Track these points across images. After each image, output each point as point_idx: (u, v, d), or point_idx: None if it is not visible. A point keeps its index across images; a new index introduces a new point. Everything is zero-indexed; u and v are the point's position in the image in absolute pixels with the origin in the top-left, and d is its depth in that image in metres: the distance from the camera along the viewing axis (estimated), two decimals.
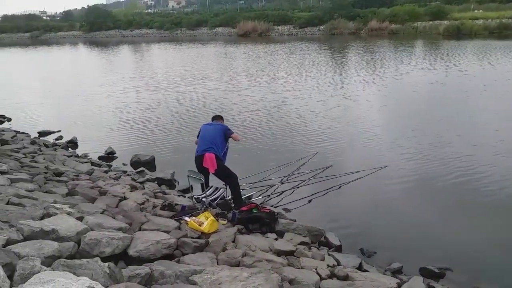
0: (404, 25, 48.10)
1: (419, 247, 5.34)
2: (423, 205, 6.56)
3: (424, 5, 56.91)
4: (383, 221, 6.06)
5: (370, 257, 5.10)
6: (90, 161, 8.45)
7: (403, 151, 8.84)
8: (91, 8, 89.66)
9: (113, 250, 3.62)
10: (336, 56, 28.47)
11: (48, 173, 6.61)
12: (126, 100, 15.49)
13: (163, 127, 11.49)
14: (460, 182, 7.21)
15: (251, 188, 6.99)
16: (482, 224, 5.87)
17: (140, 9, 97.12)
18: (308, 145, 9.48)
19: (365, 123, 11.18)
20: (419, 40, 37.91)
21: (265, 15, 63.27)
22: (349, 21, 52.22)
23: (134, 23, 77.21)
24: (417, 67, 20.59)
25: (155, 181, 7.51)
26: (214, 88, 17.05)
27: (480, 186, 7.01)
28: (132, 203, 5.50)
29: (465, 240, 5.47)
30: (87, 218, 4.19)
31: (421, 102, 13.48)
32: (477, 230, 5.73)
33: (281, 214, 6.01)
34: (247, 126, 11.22)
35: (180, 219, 5.00)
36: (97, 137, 10.83)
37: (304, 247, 4.83)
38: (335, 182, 7.26)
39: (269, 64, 24.26)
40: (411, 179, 7.47)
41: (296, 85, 17.01)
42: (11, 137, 9.79)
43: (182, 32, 68.93)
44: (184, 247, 4.18)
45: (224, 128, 6.04)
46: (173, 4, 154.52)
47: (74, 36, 78.52)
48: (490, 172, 7.51)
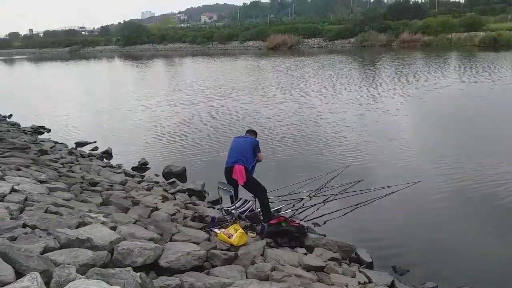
0: (437, 36, 47.14)
1: (455, 266, 5.13)
2: (459, 222, 6.32)
3: (458, 16, 55.70)
4: (417, 238, 5.87)
5: (402, 275, 4.94)
6: (124, 172, 8.66)
7: (438, 166, 8.58)
8: (126, 23, 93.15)
9: (144, 260, 3.66)
10: (369, 69, 28.16)
11: (84, 183, 6.82)
12: (160, 113, 15.85)
13: (195, 140, 11.67)
14: (499, 199, 6.90)
15: (280, 201, 6.96)
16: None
17: (173, 24, 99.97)
18: (338, 159, 9.36)
19: (398, 137, 10.95)
20: (454, 52, 36.99)
21: (295, 28, 63.64)
22: (380, 33, 51.75)
23: (167, 37, 79.46)
24: (453, 80, 20.07)
25: (186, 192, 7.59)
26: (246, 101, 17.13)
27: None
28: (163, 213, 5.58)
29: (505, 260, 5.21)
30: (120, 228, 4.27)
31: (458, 116, 13.08)
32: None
33: (311, 228, 5.93)
34: (278, 139, 11.22)
35: (210, 230, 5.03)
36: (131, 149, 11.11)
37: (334, 263, 4.74)
38: (366, 196, 7.11)
39: (301, 77, 24.28)
40: (446, 195, 7.22)
41: (328, 98, 16.91)
42: (50, 148, 10.19)
43: (213, 46, 70.24)
44: (214, 259, 4.19)
45: (255, 143, 6.08)
46: (205, 19, 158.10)
47: (111, 50, 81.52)
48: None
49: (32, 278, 2.61)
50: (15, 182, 5.29)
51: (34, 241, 3.38)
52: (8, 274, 2.68)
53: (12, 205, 4.35)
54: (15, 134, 11.85)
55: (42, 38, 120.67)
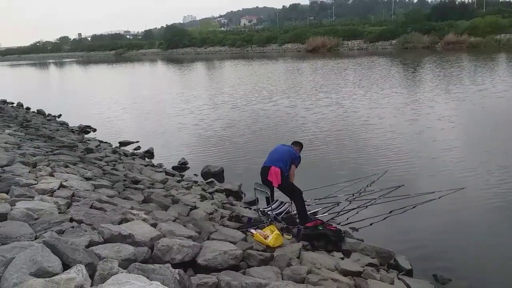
0: (485, 37, 45.05)
1: (500, 278, 4.87)
2: (505, 233, 5.99)
3: (508, 16, 52.96)
4: (460, 246, 5.63)
5: (444, 284, 4.75)
6: (165, 171, 8.89)
7: (483, 173, 8.19)
8: (169, 27, 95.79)
9: (183, 257, 3.74)
10: (413, 72, 27.32)
11: (127, 181, 7.07)
12: (201, 115, 16.11)
13: (234, 142, 11.78)
14: None
15: (317, 204, 6.89)
16: None
17: (214, 28, 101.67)
18: (379, 163, 9.15)
19: (444, 142, 10.53)
20: (503, 54, 35.20)
21: (334, 30, 62.93)
22: (424, 34, 50.15)
23: (208, 41, 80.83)
24: (504, 84, 19.08)
25: (223, 192, 7.70)
26: (288, 105, 16.99)
27: None
28: (202, 212, 5.69)
29: None
30: (160, 225, 4.39)
31: (502, 121, 12.43)
32: None
33: (348, 233, 5.84)
34: (319, 142, 11.11)
35: (247, 230, 5.07)
36: (172, 149, 11.40)
37: (372, 268, 4.64)
38: (407, 202, 6.90)
39: (344, 80, 23.96)
40: (492, 202, 6.88)
41: (372, 102, 16.59)
42: (95, 146, 10.65)
43: (252, 49, 70.69)
44: (250, 259, 4.21)
45: (295, 155, 5.97)
46: (245, 22, 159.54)
47: (153, 53, 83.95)
48: None
49: (78, 270, 2.74)
50: (63, 179, 5.57)
51: (80, 235, 3.54)
52: (56, 266, 2.82)
53: (60, 200, 4.58)
54: (63, 133, 12.48)
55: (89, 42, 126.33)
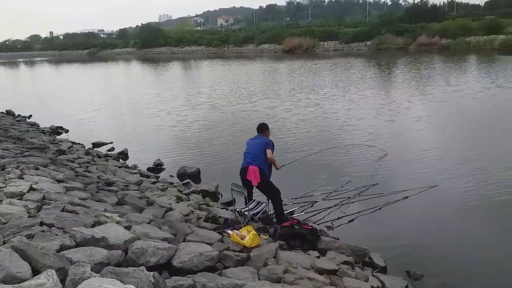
0: (455, 39, 46.45)
1: (471, 273, 5.03)
2: (475, 228, 6.20)
3: (478, 19, 54.82)
4: (432, 243, 5.77)
5: (417, 280, 4.86)
6: (139, 172, 8.76)
7: (453, 170, 8.44)
8: (144, 26, 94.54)
9: (158, 260, 3.70)
10: (390, 73, 27.92)
11: (100, 183, 6.92)
12: (176, 115, 15.97)
13: (211, 142, 11.72)
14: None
15: (293, 204, 6.94)
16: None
17: (190, 27, 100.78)
18: (354, 162, 9.29)
19: (413, 140, 10.82)
20: (472, 55, 36.38)
21: (311, 31, 63.57)
22: (397, 36, 51.26)
23: (184, 40, 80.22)
24: (473, 84, 19.73)
25: (199, 193, 7.64)
26: (266, 105, 17.04)
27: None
28: (177, 214, 5.63)
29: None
30: (135, 228, 4.33)
31: (473, 120, 12.85)
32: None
33: (324, 231, 5.89)
34: (294, 143, 11.20)
35: (223, 231, 5.05)
36: (147, 150, 11.24)
37: (347, 266, 4.70)
38: (381, 200, 7.04)
39: (322, 81, 24.16)
40: (463, 200, 7.09)
41: (350, 102, 16.83)
42: (67, 148, 10.38)
43: (229, 49, 70.60)
44: (226, 260, 4.20)
45: (264, 142, 6.01)
46: (222, 22, 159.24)
47: (128, 52, 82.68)
48: None
49: (48, 276, 2.67)
50: (33, 181, 5.41)
51: (51, 239, 3.45)
52: (25, 271, 2.74)
53: (30, 203, 4.44)
54: (34, 134, 12.11)
55: (62, 41, 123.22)
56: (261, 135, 6.26)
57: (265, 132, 6.30)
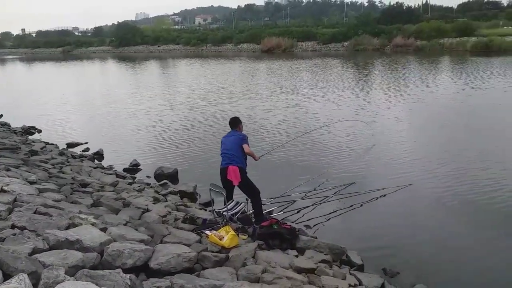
0: (430, 41, 47.60)
1: (445, 269, 5.16)
2: (449, 225, 6.36)
3: (451, 22, 56.36)
4: (408, 241, 5.90)
5: (393, 278, 4.96)
6: (115, 173, 8.61)
7: (428, 169, 8.64)
8: (121, 24, 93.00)
9: (134, 262, 3.65)
10: (368, 74, 28.33)
11: (75, 184, 6.77)
12: (153, 115, 15.79)
13: (189, 142, 11.63)
14: (489, 203, 6.95)
15: (272, 203, 6.96)
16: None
17: (168, 26, 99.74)
18: (331, 161, 9.40)
19: (389, 140, 11.03)
20: (446, 57, 37.37)
21: (289, 32, 63.91)
22: (374, 37, 52.12)
23: (161, 39, 79.35)
24: (443, 85, 20.26)
25: (177, 194, 7.57)
26: (246, 106, 16.98)
27: (510, 206, 6.75)
28: (154, 215, 5.56)
29: (494, 262, 5.26)
30: (111, 229, 4.25)
31: (449, 120, 13.18)
32: (508, 251, 5.51)
33: (302, 230, 5.94)
34: (272, 142, 11.22)
35: (201, 232, 5.02)
36: (123, 150, 11.06)
37: (325, 265, 4.75)
38: (358, 199, 7.15)
39: (302, 81, 24.26)
40: (437, 198, 7.27)
41: (322, 102, 17.01)
42: (40, 148, 10.10)
43: (207, 48, 70.26)
44: (204, 261, 4.18)
45: (239, 138, 5.97)
46: (200, 21, 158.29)
47: (104, 51, 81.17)
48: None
49: (20, 280, 2.60)
50: (4, 183, 5.24)
51: (23, 242, 3.36)
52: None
53: (1, 205, 4.30)
54: (5, 134, 11.73)
55: (34, 38, 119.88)
56: (234, 130, 6.16)
57: (237, 126, 6.20)
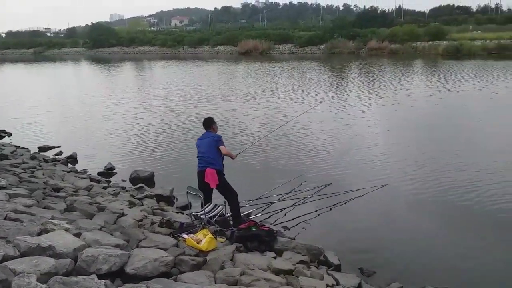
0: (403, 45, 48.73)
1: (420, 267, 5.28)
2: (424, 224, 6.52)
3: (423, 26, 57.91)
4: (383, 240, 6.01)
5: (369, 277, 5.04)
6: (89, 177, 8.43)
7: (403, 170, 8.83)
8: (94, 25, 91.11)
9: (110, 267, 3.59)
10: (339, 76, 28.74)
11: (47, 189, 6.59)
12: (128, 118, 15.54)
13: (163, 144, 11.50)
14: (461, 201, 7.17)
15: (250, 205, 6.96)
16: (485, 244, 5.82)
17: (143, 27, 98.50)
18: (308, 163, 9.48)
19: (365, 142, 11.21)
20: (419, 60, 38.34)
21: (266, 34, 64.20)
22: (349, 40, 52.94)
23: (136, 41, 78.31)
24: (418, 87, 20.76)
25: (153, 198, 7.47)
26: (225, 108, 16.85)
27: (483, 205, 6.97)
28: (130, 219, 5.48)
29: (467, 260, 5.42)
30: (85, 235, 4.16)
31: (421, 122, 13.52)
32: (480, 249, 5.69)
33: (280, 232, 5.97)
34: (248, 144, 11.22)
35: (178, 236, 4.97)
36: (97, 153, 10.83)
37: (303, 266, 4.78)
38: (335, 200, 7.24)
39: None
40: (411, 198, 7.45)
41: (299, 103, 17.13)
42: (10, 152, 9.78)
43: (184, 50, 69.77)
44: (182, 265, 4.14)
45: (214, 139, 5.91)
46: (176, 22, 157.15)
47: (77, 52, 79.46)
48: (494, 191, 7.47)
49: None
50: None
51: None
52: None
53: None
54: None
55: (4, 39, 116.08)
56: (208, 131, 6.10)
57: (211, 127, 6.11)
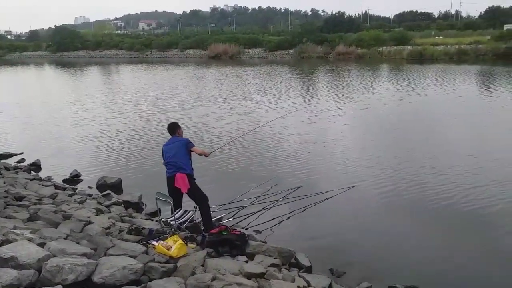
0: (370, 49, 50.00)
1: (388, 266, 5.42)
2: (392, 224, 6.69)
3: (388, 31, 59.66)
4: (353, 240, 6.12)
5: (339, 277, 5.12)
6: (54, 185, 8.15)
7: (371, 171, 9.04)
8: (58, 28, 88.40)
9: (76, 277, 3.51)
10: (307, 80, 29.11)
11: (8, 198, 6.34)
12: (94, 123, 15.16)
13: (131, 150, 11.27)
14: (428, 201, 7.40)
15: (221, 210, 6.94)
16: (451, 242, 6.03)
17: (110, 30, 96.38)
18: (279, 166, 9.53)
19: (336, 145, 11.38)
20: (385, 64, 39.42)
21: (236, 38, 64.28)
22: (318, 45, 53.78)
23: (103, 44, 76.64)
24: (387, 91, 21.29)
25: (122, 205, 7.32)
26: (188, 112, 16.77)
27: (449, 205, 7.21)
28: (97, 227, 5.35)
29: (434, 257, 5.59)
30: (50, 244, 4.05)
31: (389, 125, 13.89)
32: (446, 248, 5.88)
33: (252, 236, 5.97)
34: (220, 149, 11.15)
35: (148, 243, 4.88)
36: (62, 160, 10.49)
37: (274, 269, 4.80)
38: (306, 202, 7.31)
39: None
40: (379, 198, 7.63)
41: (267, 108, 17.22)
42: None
43: (152, 54, 68.85)
44: (152, 272, 4.08)
45: (184, 143, 5.87)
46: (144, 26, 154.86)
47: (40, 56, 76.92)
48: (460, 191, 7.74)
49: None
50: None
51: None
52: None
53: None
54: None
55: None
56: (175, 136, 6.03)
57: (177, 131, 6.06)
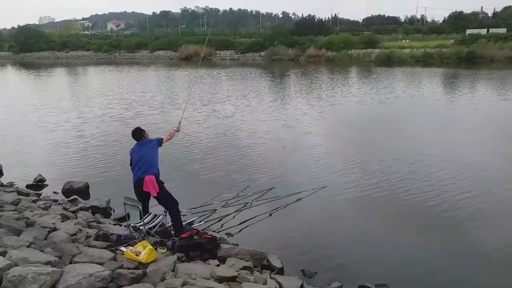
0: (339, 52, 50.84)
1: (359, 265, 5.50)
2: (361, 223, 6.81)
3: (357, 34, 60.93)
4: (324, 241, 6.19)
5: (311, 278, 5.15)
6: (17, 190, 7.81)
7: (341, 172, 9.18)
8: (21, 28, 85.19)
9: (39, 286, 3.41)
10: (278, 82, 29.30)
11: None
12: (58, 126, 14.65)
13: (98, 153, 11.00)
14: (398, 200, 7.59)
15: (192, 214, 6.85)
16: (420, 240, 6.19)
17: (76, 30, 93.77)
18: (251, 169, 9.52)
19: (308, 146, 11.50)
20: (354, 67, 40.19)
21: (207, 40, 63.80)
22: (289, 48, 54.21)
23: (69, 45, 74.52)
24: (357, 93, 21.70)
25: (89, 210, 7.11)
26: (165, 115, 16.45)
27: (418, 203, 7.41)
28: (63, 234, 5.17)
29: (404, 256, 5.75)
30: (11, 253, 3.90)
31: (360, 126, 14.16)
32: (415, 245, 6.04)
33: (223, 239, 5.92)
34: (188, 151, 11.08)
35: (116, 249, 4.76)
36: (26, 165, 10.09)
37: (246, 271, 4.77)
38: (277, 204, 7.34)
39: (217, 89, 24.27)
40: (349, 198, 7.76)
41: (238, 110, 17.20)
42: None
43: (121, 55, 67.52)
44: (120, 279, 3.98)
45: (154, 144, 5.84)
46: (112, 26, 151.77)
47: (2, 57, 73.98)
48: (430, 190, 7.96)
49: None
50: None
51: None
52: None
53: None
54: None
55: None
56: (142, 140, 5.94)
57: (143, 135, 5.99)
